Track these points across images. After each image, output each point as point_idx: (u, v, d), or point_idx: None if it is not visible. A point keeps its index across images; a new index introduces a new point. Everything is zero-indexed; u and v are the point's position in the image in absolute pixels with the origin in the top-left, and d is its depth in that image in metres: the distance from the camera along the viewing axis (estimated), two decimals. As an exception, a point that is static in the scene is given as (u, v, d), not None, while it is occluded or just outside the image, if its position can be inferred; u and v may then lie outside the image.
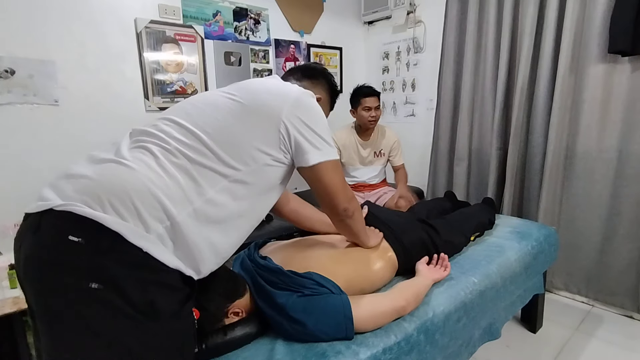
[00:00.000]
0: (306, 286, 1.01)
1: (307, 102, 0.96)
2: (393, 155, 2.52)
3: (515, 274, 1.48)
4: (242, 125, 0.88)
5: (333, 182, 0.98)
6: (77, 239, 0.68)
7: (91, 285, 0.67)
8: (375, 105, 2.33)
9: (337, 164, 1.00)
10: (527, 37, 2.14)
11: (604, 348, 1.76)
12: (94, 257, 0.69)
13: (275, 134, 0.90)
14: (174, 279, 0.76)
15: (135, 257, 0.71)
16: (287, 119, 0.90)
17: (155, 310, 0.72)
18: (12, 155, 1.81)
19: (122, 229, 0.70)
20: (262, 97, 0.92)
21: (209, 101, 0.93)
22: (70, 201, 0.71)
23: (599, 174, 2.02)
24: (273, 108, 0.90)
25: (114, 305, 0.68)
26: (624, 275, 1.98)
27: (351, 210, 1.06)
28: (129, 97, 2.14)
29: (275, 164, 0.92)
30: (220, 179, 0.84)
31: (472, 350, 1.34)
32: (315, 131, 0.94)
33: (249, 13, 2.58)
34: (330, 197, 1.01)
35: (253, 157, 0.88)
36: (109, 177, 0.76)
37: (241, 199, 0.87)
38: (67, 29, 1.91)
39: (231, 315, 0.98)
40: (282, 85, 1.00)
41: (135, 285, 0.70)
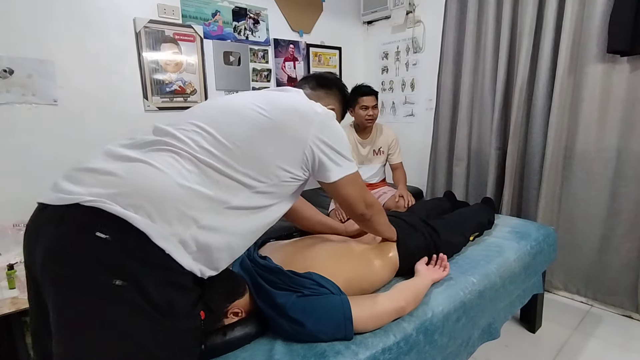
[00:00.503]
0: (306, 286, 1.01)
1: (331, 124, 1.00)
2: (391, 153, 2.53)
3: (514, 274, 1.48)
4: (269, 143, 0.90)
5: (351, 194, 1.06)
6: (104, 235, 0.69)
7: (115, 282, 0.68)
8: (372, 104, 2.34)
9: (356, 176, 1.05)
10: (526, 37, 2.14)
11: (603, 348, 1.76)
12: (119, 255, 0.70)
13: (299, 155, 0.94)
14: (188, 280, 0.79)
15: (157, 257, 0.73)
16: (312, 142, 0.94)
17: (172, 310, 0.74)
18: (11, 155, 1.81)
19: (149, 229, 0.72)
20: (290, 117, 0.95)
21: (238, 111, 0.93)
22: (99, 197, 0.72)
23: (597, 174, 2.02)
24: (300, 131, 0.94)
25: (135, 302, 0.70)
26: (622, 274, 1.99)
27: (369, 214, 1.13)
28: (128, 97, 2.14)
29: (294, 181, 0.96)
30: (244, 189, 0.87)
31: (471, 350, 1.34)
32: (338, 150, 0.99)
33: (248, 13, 2.58)
34: (348, 205, 1.10)
35: (276, 174, 0.91)
36: (138, 178, 0.77)
37: (260, 207, 0.91)
38: (66, 28, 1.91)
39: (230, 316, 0.97)
40: (308, 105, 1.01)
41: (155, 284, 0.72)
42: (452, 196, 2.17)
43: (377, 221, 1.20)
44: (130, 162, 0.80)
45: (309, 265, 1.12)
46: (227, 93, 2.55)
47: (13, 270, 1.44)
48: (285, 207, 1.00)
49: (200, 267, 0.81)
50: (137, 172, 0.78)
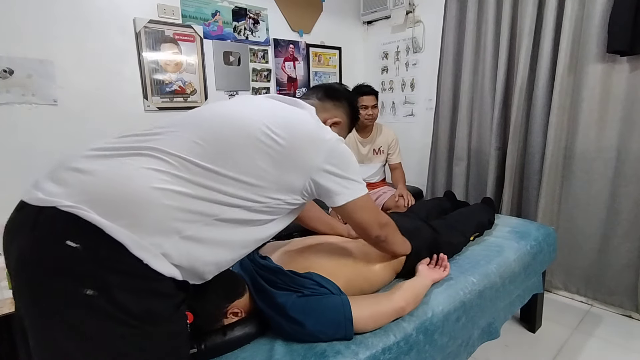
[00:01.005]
0: (306, 286, 1.01)
1: (339, 151, 0.95)
2: (391, 152, 2.53)
3: (514, 273, 1.48)
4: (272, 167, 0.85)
5: (363, 218, 1.03)
6: (74, 244, 0.67)
7: (86, 292, 0.66)
8: (372, 104, 2.34)
9: (366, 199, 1.01)
10: (526, 37, 2.14)
11: (603, 347, 1.76)
12: (90, 264, 0.68)
13: (302, 183, 0.90)
14: (169, 286, 0.75)
15: (133, 267, 0.70)
16: (317, 171, 0.90)
17: (150, 317, 0.72)
18: (11, 155, 1.81)
19: (126, 239, 0.69)
20: (299, 144, 0.88)
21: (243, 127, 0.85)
22: (76, 202, 0.69)
23: (597, 174, 2.02)
24: (306, 159, 0.89)
25: (107, 312, 0.67)
26: (622, 274, 1.99)
27: (383, 236, 1.11)
28: (128, 97, 2.14)
29: (291, 205, 0.93)
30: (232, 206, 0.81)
31: (471, 350, 1.34)
32: (346, 176, 0.95)
33: (248, 13, 2.58)
34: (361, 229, 1.08)
35: (273, 197, 0.87)
36: (120, 183, 0.73)
37: (253, 221, 0.87)
38: (66, 28, 1.91)
39: (230, 316, 0.97)
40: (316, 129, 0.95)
41: (130, 293, 0.69)
42: (452, 196, 2.17)
43: (392, 241, 1.17)
44: (114, 164, 0.76)
45: (309, 265, 1.12)
46: (227, 93, 2.55)
47: (13, 271, 1.44)
48: (281, 225, 0.96)
49: (184, 274, 0.78)
50: (120, 176, 0.74)
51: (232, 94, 2.58)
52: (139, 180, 0.74)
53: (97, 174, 0.74)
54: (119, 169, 0.75)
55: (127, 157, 0.77)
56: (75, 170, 0.75)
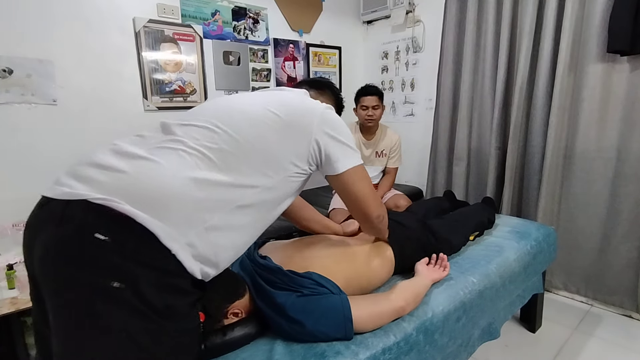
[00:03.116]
0: (305, 286, 1.01)
1: (332, 116, 1.02)
2: (392, 156, 2.51)
3: (514, 273, 1.48)
4: (279, 139, 0.92)
5: (363, 189, 1.04)
6: (103, 237, 0.69)
7: (112, 284, 0.68)
8: (372, 104, 2.33)
9: (363, 168, 1.04)
10: (526, 37, 2.14)
11: (603, 347, 1.76)
12: (117, 257, 0.69)
13: (306, 148, 0.95)
14: (187, 283, 0.78)
15: (159, 259, 0.72)
16: (317, 134, 0.96)
17: (170, 312, 0.74)
18: (10, 155, 1.80)
19: (157, 229, 0.71)
20: (297, 113, 0.97)
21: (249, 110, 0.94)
22: (108, 195, 0.71)
23: (597, 174, 2.02)
24: (305, 124, 0.96)
25: (132, 304, 0.69)
26: (623, 274, 1.99)
27: (382, 215, 1.12)
28: (127, 97, 2.14)
29: (299, 175, 0.97)
30: (252, 188, 0.87)
31: (471, 350, 1.34)
32: (342, 140, 0.99)
33: (248, 12, 2.58)
34: (362, 205, 1.06)
35: (284, 168, 0.93)
36: (147, 177, 0.76)
37: (264, 206, 0.91)
38: (65, 28, 1.91)
39: (230, 316, 0.97)
40: (309, 101, 1.06)
41: (153, 287, 0.71)
42: (452, 195, 2.17)
43: (386, 223, 1.19)
44: (139, 160, 0.79)
45: (308, 264, 1.12)
46: (227, 93, 2.55)
47: (12, 271, 1.44)
48: (287, 204, 1.01)
49: (202, 267, 0.80)
50: (146, 170, 0.77)
51: (231, 94, 2.58)
52: (167, 172, 0.77)
53: (125, 170, 0.76)
54: (147, 164, 0.78)
55: (153, 152, 0.81)
56: (99, 166, 0.77)
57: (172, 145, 0.82)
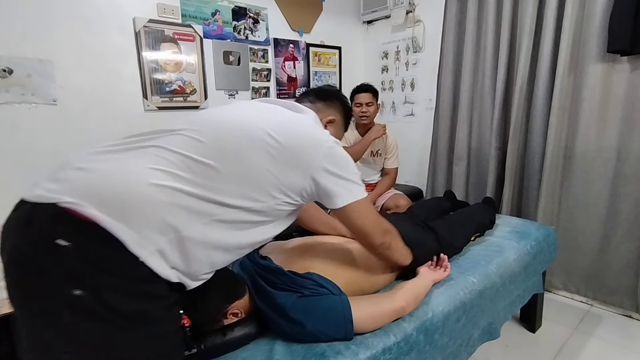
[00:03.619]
0: (306, 286, 1.01)
1: (337, 152, 0.95)
2: (388, 156, 2.51)
3: (514, 273, 1.48)
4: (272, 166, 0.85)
5: (365, 222, 1.01)
6: (65, 243, 0.66)
7: (74, 292, 0.65)
8: (366, 101, 2.34)
9: (367, 203, 1.01)
10: (526, 37, 2.14)
11: (603, 347, 1.76)
12: (79, 264, 0.66)
13: (301, 182, 0.90)
14: (161, 288, 0.74)
15: (126, 266, 0.69)
16: (317, 171, 0.90)
17: (140, 318, 0.71)
18: (10, 155, 1.80)
19: (123, 235, 0.68)
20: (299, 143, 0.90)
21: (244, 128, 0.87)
22: (76, 199, 0.68)
23: (597, 174, 2.02)
24: (305, 158, 0.89)
25: (97, 312, 0.66)
26: (622, 274, 1.99)
27: (387, 242, 1.10)
28: (127, 97, 2.14)
29: (290, 205, 0.92)
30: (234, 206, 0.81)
31: (471, 350, 1.34)
32: (344, 177, 0.94)
33: (248, 12, 2.58)
34: (364, 235, 1.05)
35: (273, 196, 0.87)
36: (120, 181, 0.73)
37: (251, 223, 0.86)
38: (65, 28, 1.91)
39: (230, 316, 0.97)
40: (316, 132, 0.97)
41: (120, 293, 0.68)
42: (452, 196, 2.17)
43: (395, 248, 1.15)
44: (115, 162, 0.76)
45: (309, 265, 1.12)
46: (226, 93, 2.55)
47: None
48: (279, 228, 0.95)
49: (179, 275, 0.77)
50: (120, 173, 0.74)
51: (232, 94, 2.58)
52: (138, 176, 0.74)
53: (97, 172, 0.74)
54: (120, 166, 0.75)
55: (129, 155, 0.78)
56: (76, 169, 0.75)
57: (151, 150, 0.78)
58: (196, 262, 0.79)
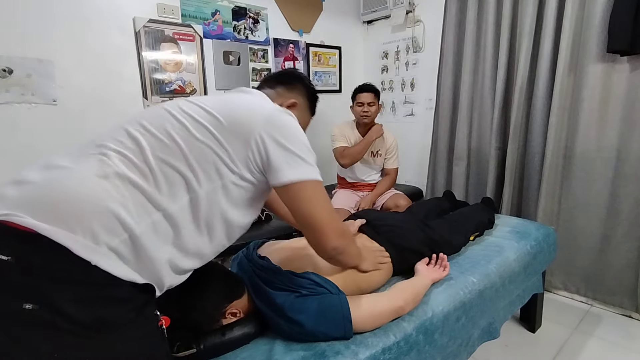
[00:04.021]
0: (304, 286, 1.01)
1: (281, 119, 0.88)
2: (388, 157, 2.51)
3: (514, 273, 1.48)
4: (214, 141, 0.82)
5: (315, 212, 0.86)
6: (6, 257, 0.63)
7: (25, 306, 0.61)
8: (368, 101, 2.34)
9: (318, 185, 0.87)
10: (526, 37, 2.14)
11: (603, 347, 1.76)
12: (25, 276, 0.63)
13: (244, 152, 0.83)
14: (124, 290, 0.70)
15: (77, 272, 0.65)
16: (259, 136, 0.83)
17: (105, 325, 0.66)
18: (10, 155, 1.80)
19: (67, 241, 0.64)
20: (238, 113, 0.86)
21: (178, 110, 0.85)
22: (11, 210, 0.65)
23: (597, 174, 2.02)
24: (246, 126, 0.84)
25: (54, 324, 0.62)
26: (622, 274, 1.98)
27: (341, 247, 0.92)
28: (127, 97, 2.14)
29: (242, 184, 0.85)
30: (183, 193, 0.78)
31: (471, 350, 1.34)
32: (289, 148, 0.84)
33: (248, 12, 2.58)
34: (314, 232, 0.88)
35: (219, 173, 0.81)
36: (56, 185, 0.70)
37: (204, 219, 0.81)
38: (65, 28, 1.91)
39: (229, 316, 0.97)
40: (258, 101, 0.94)
41: (75, 302, 0.64)
42: (452, 196, 2.17)
43: (351, 252, 1.01)
44: (54, 169, 0.73)
45: (307, 265, 1.12)
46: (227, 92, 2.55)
47: None
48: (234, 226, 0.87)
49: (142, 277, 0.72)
50: (56, 178, 0.71)
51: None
52: (77, 178, 0.71)
53: (36, 182, 0.71)
54: (59, 173, 0.73)
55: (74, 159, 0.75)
56: (15, 183, 0.72)
57: (93, 151, 0.76)
58: (157, 263, 0.75)
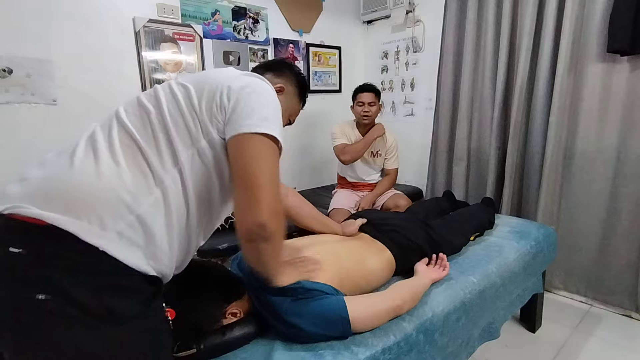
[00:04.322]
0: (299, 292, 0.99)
1: (254, 81, 0.85)
2: (388, 157, 2.51)
3: (514, 273, 1.48)
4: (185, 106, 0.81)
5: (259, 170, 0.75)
6: (17, 249, 0.64)
7: (38, 297, 0.62)
8: (368, 101, 2.35)
9: (272, 148, 0.79)
10: (526, 37, 2.14)
11: (603, 347, 1.76)
12: (37, 267, 0.64)
13: (210, 105, 0.80)
14: (133, 280, 0.71)
15: (87, 260, 0.66)
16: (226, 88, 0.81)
17: (114, 315, 0.67)
18: (10, 155, 1.80)
19: (74, 228, 0.65)
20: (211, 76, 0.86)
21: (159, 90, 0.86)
22: (17, 202, 0.67)
23: (597, 174, 2.02)
24: (217, 84, 0.82)
25: (68, 314, 0.63)
26: (622, 274, 1.99)
27: (270, 229, 0.75)
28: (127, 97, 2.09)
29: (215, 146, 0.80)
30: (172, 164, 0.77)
31: (471, 350, 1.34)
32: (255, 109, 0.79)
33: (248, 12, 2.58)
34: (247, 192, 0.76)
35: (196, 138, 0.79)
36: (57, 175, 0.73)
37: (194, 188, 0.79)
38: (65, 28, 1.90)
39: (229, 316, 0.97)
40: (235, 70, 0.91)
41: (87, 291, 0.65)
42: (452, 196, 2.18)
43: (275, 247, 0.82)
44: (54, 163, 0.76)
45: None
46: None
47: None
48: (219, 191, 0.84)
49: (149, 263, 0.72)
50: (59, 171, 0.73)
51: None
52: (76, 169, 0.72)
53: (37, 176, 0.73)
54: (58, 166, 0.75)
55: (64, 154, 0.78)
56: (19, 180, 0.74)
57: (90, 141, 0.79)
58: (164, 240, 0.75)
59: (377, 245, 1.31)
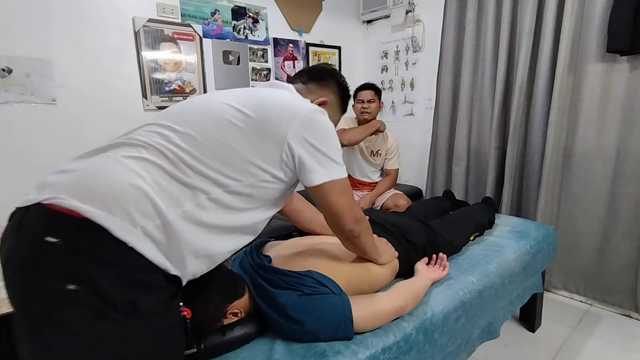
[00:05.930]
0: (306, 284, 1.00)
1: (317, 120, 0.91)
2: (388, 157, 2.52)
3: (513, 273, 1.48)
4: (244, 139, 0.84)
5: (339, 203, 0.94)
6: (54, 239, 0.66)
7: (68, 287, 0.65)
8: (368, 98, 2.36)
9: (344, 183, 0.95)
10: (526, 37, 2.14)
11: (602, 347, 1.76)
12: (71, 258, 0.67)
13: (278, 154, 0.87)
14: (157, 278, 0.74)
15: (117, 255, 0.69)
16: (292, 139, 0.87)
17: (137, 311, 0.69)
18: (9, 155, 1.80)
19: (107, 222, 0.68)
20: (272, 112, 0.88)
21: (212, 107, 0.88)
22: (57, 194, 0.69)
23: (597, 173, 2.02)
24: (279, 127, 0.87)
25: (93, 306, 0.66)
26: (622, 274, 1.99)
27: (357, 231, 1.02)
28: (127, 96, 2.14)
29: (274, 181, 0.89)
30: (214, 187, 0.81)
31: (470, 349, 1.34)
32: (322, 151, 0.90)
33: (248, 12, 2.58)
34: (336, 217, 0.97)
35: (251, 173, 0.85)
36: (100, 170, 0.76)
37: (235, 210, 0.85)
38: (64, 27, 1.90)
39: (230, 316, 0.97)
40: (292, 101, 0.95)
41: (114, 285, 0.68)
42: (451, 195, 2.18)
43: (364, 239, 1.08)
44: (96, 160, 0.78)
45: (308, 265, 1.11)
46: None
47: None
48: (265, 215, 0.93)
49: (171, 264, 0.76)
50: (100, 167, 0.76)
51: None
52: (117, 167, 0.76)
53: (79, 170, 0.76)
54: (99, 162, 0.78)
55: (108, 151, 0.80)
56: (60, 172, 0.77)
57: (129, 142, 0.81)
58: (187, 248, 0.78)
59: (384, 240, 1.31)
